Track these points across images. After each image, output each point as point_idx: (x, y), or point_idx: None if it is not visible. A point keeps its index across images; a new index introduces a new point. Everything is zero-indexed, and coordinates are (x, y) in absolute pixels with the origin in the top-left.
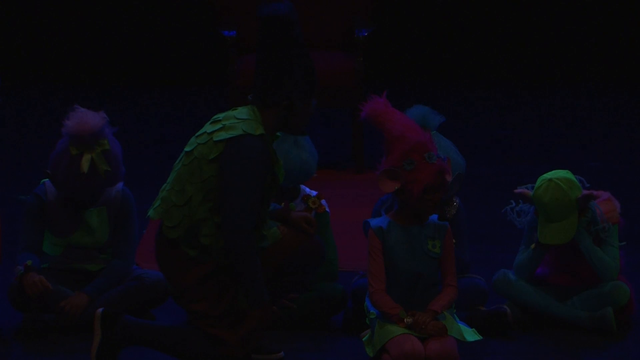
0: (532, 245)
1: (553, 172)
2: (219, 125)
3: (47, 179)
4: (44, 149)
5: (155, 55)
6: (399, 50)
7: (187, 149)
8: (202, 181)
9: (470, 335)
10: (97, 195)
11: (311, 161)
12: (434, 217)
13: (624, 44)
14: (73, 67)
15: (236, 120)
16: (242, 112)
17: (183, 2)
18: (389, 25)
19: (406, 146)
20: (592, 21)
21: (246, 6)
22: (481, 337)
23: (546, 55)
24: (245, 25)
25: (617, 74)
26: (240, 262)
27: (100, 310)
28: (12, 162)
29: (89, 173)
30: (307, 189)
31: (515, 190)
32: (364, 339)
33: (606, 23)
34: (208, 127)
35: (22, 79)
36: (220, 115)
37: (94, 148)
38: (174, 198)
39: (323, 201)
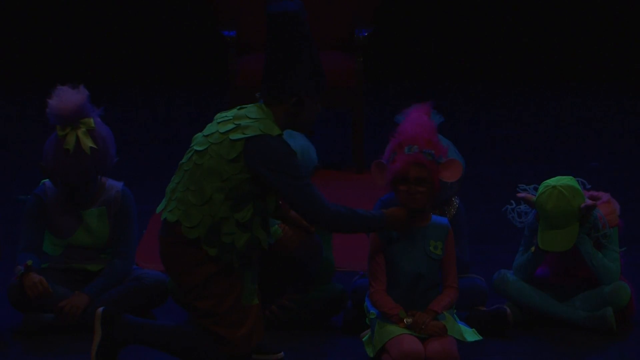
0: (532, 248)
1: (557, 178)
2: (231, 125)
3: (46, 179)
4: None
5: (155, 55)
6: (399, 50)
7: (197, 148)
8: (223, 180)
9: (470, 335)
10: (89, 179)
11: (310, 149)
12: (436, 218)
13: (624, 44)
14: (73, 67)
15: (250, 120)
16: (252, 110)
17: (183, 2)
18: (389, 25)
19: (398, 140)
20: (592, 21)
21: (246, 6)
22: (481, 337)
23: (546, 55)
24: (245, 25)
25: (617, 74)
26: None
27: (100, 309)
28: (12, 162)
29: (75, 151)
30: None
31: (519, 194)
32: (364, 339)
33: (606, 23)
34: (219, 127)
35: (22, 79)
36: (229, 114)
37: (78, 126)
38: (191, 198)
39: None
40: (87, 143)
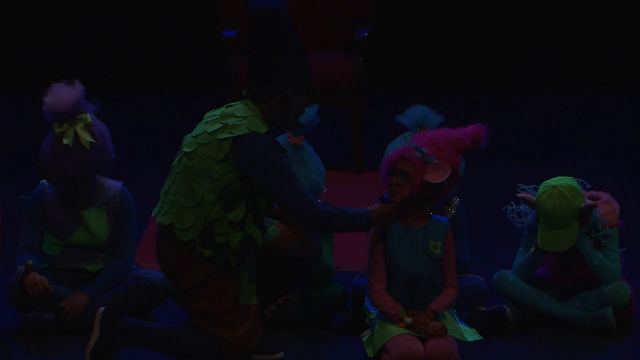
0: (532, 249)
1: (556, 178)
2: (218, 125)
3: (44, 180)
4: None
5: (155, 55)
6: (399, 50)
7: (187, 150)
8: (213, 181)
9: (470, 335)
10: (89, 174)
11: (320, 180)
12: (435, 217)
13: (624, 44)
14: (73, 67)
15: (237, 119)
16: (239, 108)
17: (183, 2)
18: (389, 25)
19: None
20: (592, 21)
21: (246, 6)
22: (481, 337)
23: (546, 55)
24: (245, 25)
25: (617, 74)
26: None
27: (102, 309)
28: (12, 162)
29: (75, 147)
30: None
31: (518, 195)
32: (364, 339)
33: (606, 23)
34: (207, 127)
35: (22, 78)
36: (216, 113)
37: (75, 122)
38: (183, 201)
39: None
40: (86, 138)
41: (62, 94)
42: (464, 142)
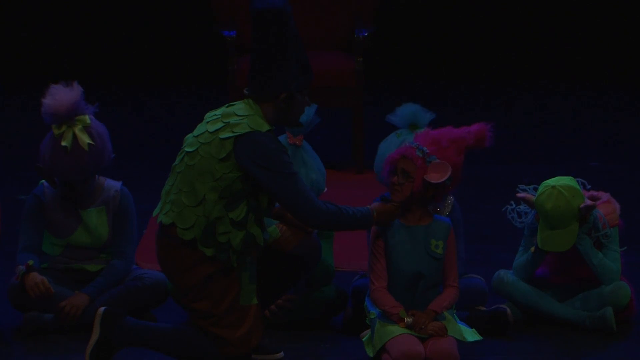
0: (532, 249)
1: (556, 178)
2: (220, 124)
3: (44, 180)
4: None
5: (155, 55)
6: (399, 50)
7: (188, 149)
8: (215, 180)
9: (470, 335)
10: (88, 175)
11: (320, 180)
12: (437, 217)
13: (624, 44)
14: (73, 67)
15: (239, 117)
16: (240, 107)
17: (183, 2)
18: (389, 25)
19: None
20: (592, 21)
21: (246, 6)
22: (481, 337)
23: (546, 55)
24: (245, 25)
25: (617, 74)
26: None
27: (102, 309)
28: (12, 162)
29: (73, 148)
30: None
31: (518, 195)
32: (364, 339)
33: (606, 23)
34: (208, 126)
35: (22, 78)
36: (217, 113)
37: (74, 123)
38: (185, 200)
39: None
40: (85, 139)
41: (60, 95)
42: (467, 141)
